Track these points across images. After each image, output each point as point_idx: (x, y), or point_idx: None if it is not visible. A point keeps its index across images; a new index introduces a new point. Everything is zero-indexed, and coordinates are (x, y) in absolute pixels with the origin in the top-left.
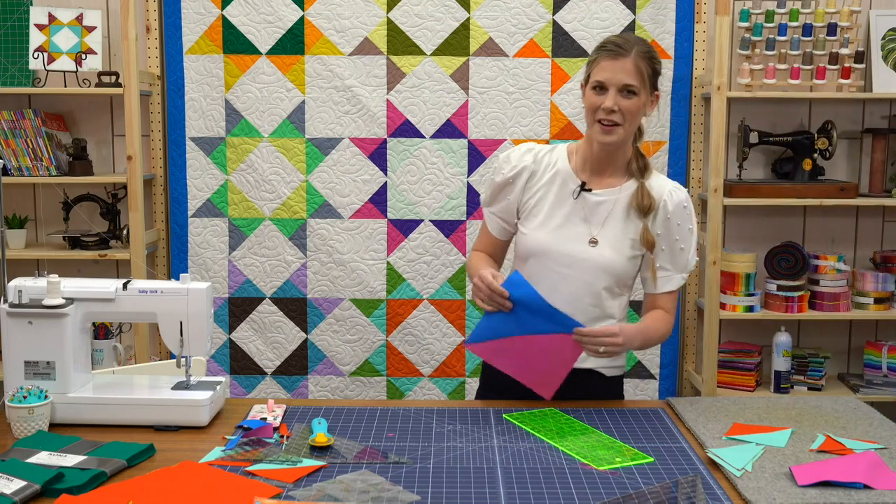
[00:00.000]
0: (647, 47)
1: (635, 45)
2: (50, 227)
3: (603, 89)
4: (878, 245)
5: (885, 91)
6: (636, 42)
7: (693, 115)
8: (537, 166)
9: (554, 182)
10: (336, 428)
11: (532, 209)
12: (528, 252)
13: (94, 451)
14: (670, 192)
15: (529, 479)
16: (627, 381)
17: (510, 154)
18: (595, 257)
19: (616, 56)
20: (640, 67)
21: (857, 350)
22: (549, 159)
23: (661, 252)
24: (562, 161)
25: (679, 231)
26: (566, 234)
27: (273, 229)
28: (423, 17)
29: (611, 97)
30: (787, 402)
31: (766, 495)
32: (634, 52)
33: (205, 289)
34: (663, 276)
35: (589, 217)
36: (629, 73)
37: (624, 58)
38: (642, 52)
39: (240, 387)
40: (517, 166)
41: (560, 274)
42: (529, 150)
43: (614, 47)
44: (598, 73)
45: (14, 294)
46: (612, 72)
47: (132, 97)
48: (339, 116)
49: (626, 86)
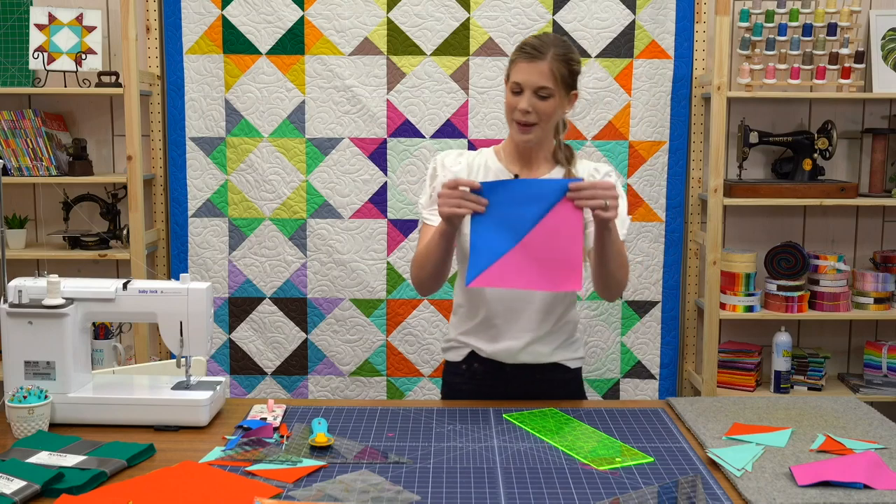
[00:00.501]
0: (565, 49)
1: (552, 48)
2: (50, 227)
3: (519, 91)
4: (878, 245)
5: (885, 91)
6: (553, 44)
7: (693, 115)
8: (471, 167)
9: (487, 178)
10: (336, 428)
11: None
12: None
13: (94, 451)
14: (595, 168)
15: (529, 479)
16: (628, 380)
17: (443, 158)
18: None
19: (532, 59)
20: (555, 70)
21: (857, 350)
22: (479, 160)
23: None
24: (491, 160)
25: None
26: None
27: (273, 229)
28: (423, 17)
29: (525, 99)
30: (787, 402)
31: (766, 495)
32: (550, 55)
33: (205, 289)
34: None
35: None
36: (544, 76)
37: (540, 60)
38: (558, 55)
39: (240, 387)
40: (454, 167)
41: None
42: (460, 154)
43: (531, 50)
44: (515, 75)
45: (14, 294)
46: (528, 74)
47: (132, 97)
48: (339, 116)
49: (540, 87)
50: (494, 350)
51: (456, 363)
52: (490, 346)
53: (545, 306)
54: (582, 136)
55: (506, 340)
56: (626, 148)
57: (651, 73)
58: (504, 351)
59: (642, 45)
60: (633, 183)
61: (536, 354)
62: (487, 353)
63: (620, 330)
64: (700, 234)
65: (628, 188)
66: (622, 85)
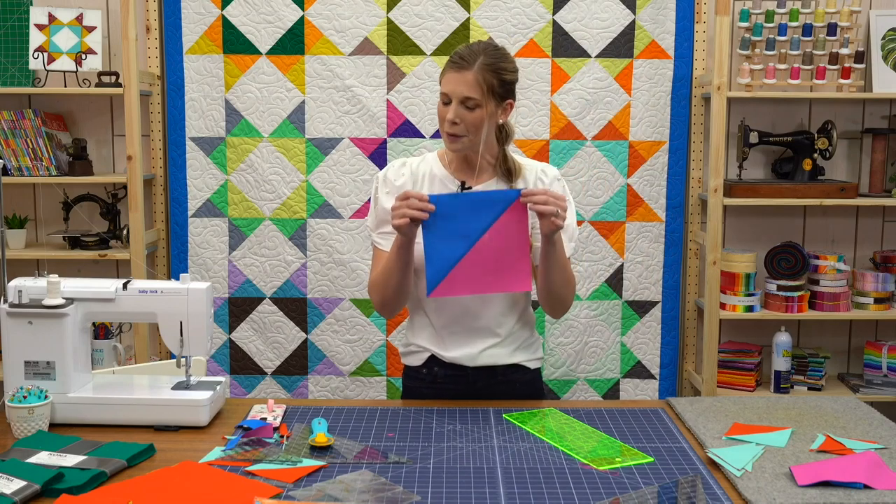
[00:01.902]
0: (495, 58)
1: (480, 57)
2: (50, 227)
3: (448, 101)
4: (878, 245)
5: (885, 91)
6: (483, 52)
7: (693, 115)
8: (415, 177)
9: (433, 187)
10: (336, 428)
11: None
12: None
13: (94, 451)
14: (542, 169)
15: (529, 479)
16: (628, 380)
17: (386, 173)
18: None
19: (459, 68)
20: (481, 80)
21: (857, 350)
22: (423, 168)
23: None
24: (436, 166)
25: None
26: None
27: (273, 229)
28: (423, 17)
29: (452, 110)
30: (787, 402)
31: (766, 495)
32: (478, 65)
33: (205, 289)
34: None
35: None
36: (470, 87)
37: (466, 70)
38: (486, 65)
39: (240, 387)
40: (397, 181)
41: None
42: (403, 164)
43: (458, 59)
44: (444, 85)
45: (14, 294)
46: (455, 84)
47: (132, 97)
48: (339, 116)
49: (466, 98)
50: (454, 355)
51: (416, 367)
52: (449, 352)
53: (502, 309)
54: (582, 136)
55: (465, 346)
56: (626, 148)
57: (651, 73)
58: (464, 356)
59: (642, 45)
60: (633, 183)
61: (496, 357)
62: (447, 357)
63: (620, 330)
64: (700, 234)
65: (628, 188)
66: (622, 85)
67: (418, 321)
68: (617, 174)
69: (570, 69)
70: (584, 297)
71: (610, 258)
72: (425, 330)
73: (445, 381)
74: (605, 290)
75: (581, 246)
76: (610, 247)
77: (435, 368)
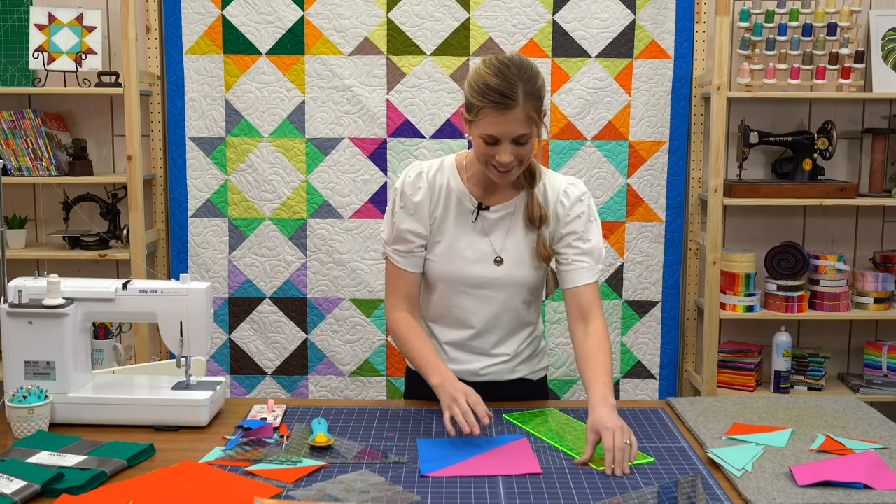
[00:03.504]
0: (532, 83)
1: (520, 88)
2: (50, 227)
3: (495, 142)
4: (878, 245)
5: (885, 91)
6: (521, 80)
7: (693, 115)
8: (432, 189)
9: (450, 202)
10: (336, 428)
11: (435, 234)
12: (436, 278)
13: (94, 451)
14: (565, 190)
15: (529, 479)
16: (628, 380)
17: (403, 187)
18: (503, 276)
19: (505, 108)
20: (531, 113)
21: (857, 350)
22: (439, 179)
23: (570, 248)
24: (453, 178)
25: (580, 223)
26: (471, 257)
27: (273, 229)
28: (423, 17)
29: (505, 151)
30: (787, 402)
31: (766, 495)
32: (522, 98)
33: (205, 289)
34: (577, 269)
35: (490, 235)
36: (521, 124)
37: (513, 109)
38: (529, 94)
39: (240, 387)
40: (415, 196)
41: (473, 296)
42: (419, 175)
43: (501, 98)
44: (488, 128)
45: (14, 294)
46: (505, 126)
47: (132, 97)
48: (339, 116)
49: (519, 136)
50: (456, 369)
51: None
52: (451, 366)
53: (509, 331)
54: (582, 136)
55: (467, 363)
56: (626, 148)
57: (651, 73)
58: (466, 371)
59: (642, 45)
60: (633, 183)
61: (499, 374)
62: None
63: (620, 330)
64: (700, 234)
65: (628, 188)
66: (622, 85)
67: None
68: (617, 174)
69: (570, 69)
70: None
71: (610, 258)
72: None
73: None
74: (606, 290)
75: None
76: (610, 247)
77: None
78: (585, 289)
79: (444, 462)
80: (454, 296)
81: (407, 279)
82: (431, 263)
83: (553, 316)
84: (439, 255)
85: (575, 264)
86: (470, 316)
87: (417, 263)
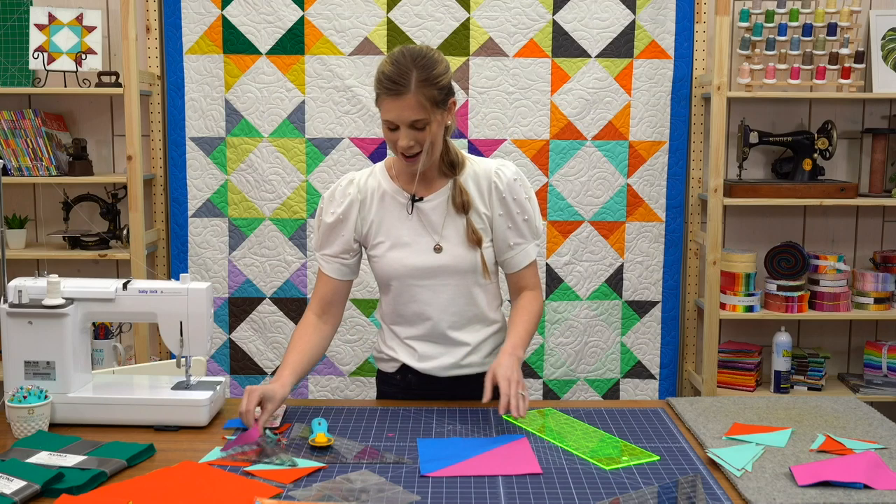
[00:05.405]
0: (425, 70)
1: (412, 74)
2: (50, 227)
3: (395, 127)
4: (878, 245)
5: (885, 91)
6: (415, 68)
7: (693, 115)
8: (363, 194)
9: (384, 203)
10: (336, 428)
11: (375, 236)
12: (386, 276)
13: (94, 451)
14: (496, 171)
15: (529, 479)
16: (628, 380)
17: (333, 192)
18: (446, 263)
19: (396, 94)
20: (422, 100)
21: (857, 350)
22: (371, 183)
23: (509, 230)
24: (384, 180)
25: (517, 204)
26: (412, 250)
27: (273, 229)
28: (423, 17)
29: (403, 136)
30: (787, 402)
31: (766, 495)
32: (413, 85)
33: (205, 289)
34: (520, 252)
35: (428, 225)
36: (413, 110)
37: (404, 95)
38: (421, 81)
39: (240, 387)
40: (343, 201)
41: (424, 287)
42: (350, 182)
43: (391, 84)
44: (385, 113)
45: (14, 294)
46: (398, 111)
47: (132, 97)
48: (339, 116)
49: (414, 121)
50: (426, 367)
51: (389, 374)
52: (422, 364)
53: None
54: (582, 136)
55: (435, 358)
56: (626, 148)
57: (651, 73)
58: (437, 367)
59: (642, 45)
60: (633, 183)
61: (468, 367)
62: (419, 368)
63: (620, 330)
64: (700, 234)
65: (628, 188)
66: (622, 85)
67: (387, 332)
68: (617, 174)
69: (570, 69)
70: (584, 297)
71: (610, 258)
72: (395, 342)
73: (419, 387)
74: (605, 290)
75: (581, 246)
76: (610, 247)
77: (409, 376)
78: (525, 271)
79: (444, 462)
80: (406, 290)
81: (327, 283)
82: (378, 263)
83: (553, 316)
84: (383, 253)
85: (516, 248)
86: (425, 307)
87: (340, 270)
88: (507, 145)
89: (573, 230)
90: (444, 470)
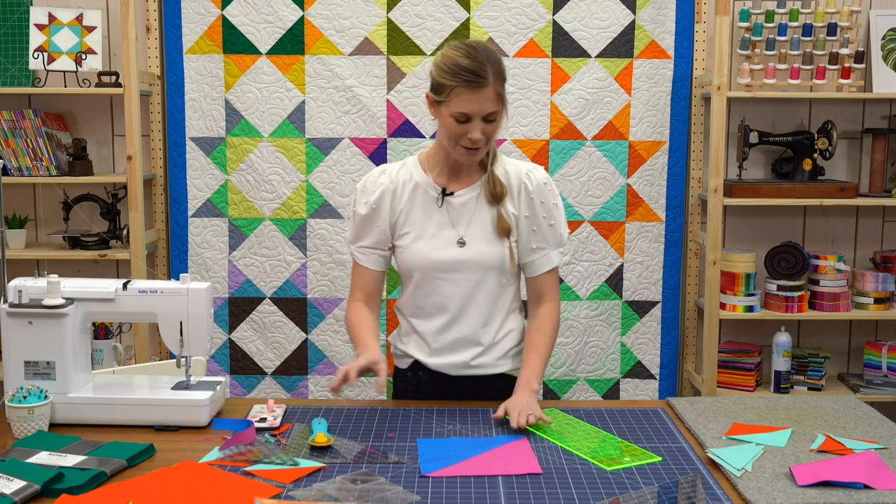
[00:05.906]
0: (498, 65)
1: (489, 67)
2: (50, 227)
3: (466, 120)
4: (878, 245)
5: (885, 91)
6: (489, 61)
7: (693, 115)
8: (395, 185)
9: (415, 195)
10: (336, 428)
11: (403, 226)
12: (409, 267)
13: (94, 451)
14: (528, 173)
15: (529, 479)
16: (628, 380)
17: (365, 183)
18: (470, 257)
19: (478, 87)
20: (499, 90)
21: (857, 350)
22: (404, 174)
23: (533, 233)
24: (417, 172)
25: (545, 208)
26: (437, 243)
27: (273, 229)
28: (423, 17)
29: (477, 128)
30: (787, 402)
31: (766, 495)
32: (492, 79)
33: (205, 289)
34: (541, 257)
35: (455, 219)
36: (492, 102)
37: (485, 88)
38: (497, 74)
39: (240, 387)
40: (376, 191)
41: (446, 280)
42: (382, 173)
43: (473, 77)
44: (460, 105)
45: (14, 294)
46: (478, 104)
47: (132, 97)
48: (339, 116)
49: (490, 113)
50: (437, 363)
51: (402, 370)
52: (433, 360)
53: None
54: (582, 136)
55: (449, 355)
56: (626, 148)
57: (651, 73)
58: (448, 365)
59: (642, 45)
60: (633, 183)
61: (481, 367)
62: (431, 365)
63: (620, 330)
64: (700, 234)
65: (628, 188)
66: (622, 85)
67: (404, 326)
68: (617, 174)
69: (570, 69)
70: (584, 298)
71: (610, 258)
72: (410, 336)
73: (430, 386)
74: (605, 290)
75: (581, 246)
76: (610, 247)
77: (420, 373)
78: (545, 277)
79: (444, 462)
80: (428, 282)
81: (366, 274)
82: (403, 253)
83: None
84: (408, 244)
85: (538, 252)
86: (446, 300)
87: (378, 261)
88: (507, 145)
89: (573, 230)
90: (444, 470)
